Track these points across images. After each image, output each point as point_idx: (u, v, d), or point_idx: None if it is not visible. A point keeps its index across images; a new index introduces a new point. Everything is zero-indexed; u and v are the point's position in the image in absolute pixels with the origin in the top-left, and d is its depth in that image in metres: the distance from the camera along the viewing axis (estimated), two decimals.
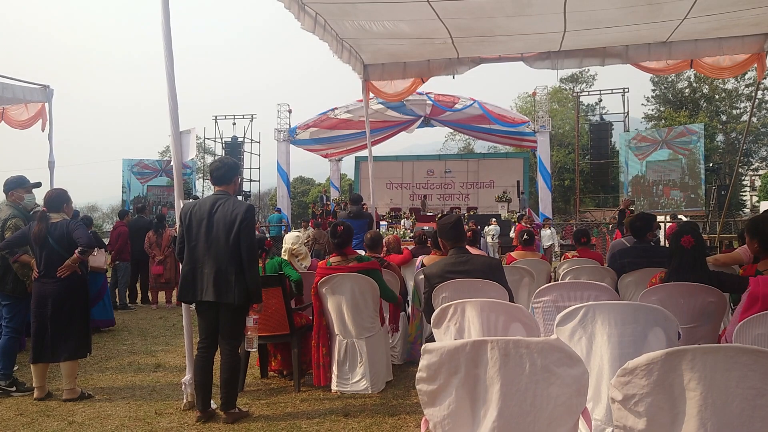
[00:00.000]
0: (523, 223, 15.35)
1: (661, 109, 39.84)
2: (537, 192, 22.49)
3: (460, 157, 34.54)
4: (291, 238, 6.05)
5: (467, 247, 4.30)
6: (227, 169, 4.45)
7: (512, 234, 16.58)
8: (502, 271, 3.99)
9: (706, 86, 38.50)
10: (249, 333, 4.47)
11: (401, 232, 17.99)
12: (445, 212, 20.42)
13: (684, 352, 1.78)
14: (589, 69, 39.29)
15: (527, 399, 2.03)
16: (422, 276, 4.20)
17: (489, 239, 17.39)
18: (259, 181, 26.20)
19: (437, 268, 3.97)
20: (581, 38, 7.68)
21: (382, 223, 20.02)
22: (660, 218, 15.42)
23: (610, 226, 18.67)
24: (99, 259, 8.05)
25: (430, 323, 3.51)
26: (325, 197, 22.99)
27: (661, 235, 14.16)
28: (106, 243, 9.97)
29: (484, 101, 19.87)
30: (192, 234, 4.27)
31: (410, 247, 7.94)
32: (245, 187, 23.64)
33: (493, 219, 18.57)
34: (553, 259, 14.90)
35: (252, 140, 25.37)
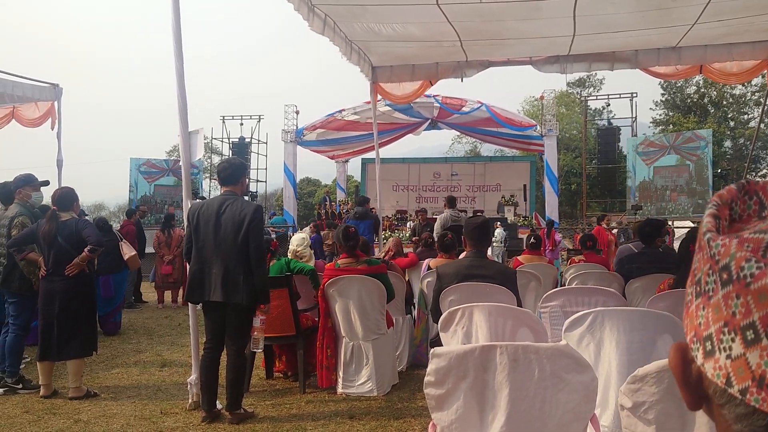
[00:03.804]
0: (604, 225, 13.16)
1: (670, 114, 39.69)
2: (543, 196, 22.41)
3: (466, 159, 34.43)
4: (296, 240, 6.06)
5: None
6: (234, 169, 4.46)
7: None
8: (515, 281, 3.96)
9: (714, 91, 38.33)
10: (255, 334, 4.46)
11: (406, 234, 17.90)
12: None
13: None
14: (597, 73, 39.17)
15: (536, 405, 2.03)
16: (431, 277, 4.19)
17: (494, 244, 17.09)
18: (265, 181, 26.22)
19: (451, 268, 3.95)
20: (590, 42, 7.66)
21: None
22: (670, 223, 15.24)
23: (615, 230, 18.54)
24: (129, 252, 8.35)
25: (437, 323, 3.50)
26: (329, 198, 23.00)
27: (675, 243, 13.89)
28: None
29: (492, 104, 19.83)
30: (200, 234, 4.27)
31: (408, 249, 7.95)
32: (252, 187, 23.67)
33: (498, 222, 18.20)
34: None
35: (259, 141, 25.38)
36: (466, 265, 3.92)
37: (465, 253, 4.05)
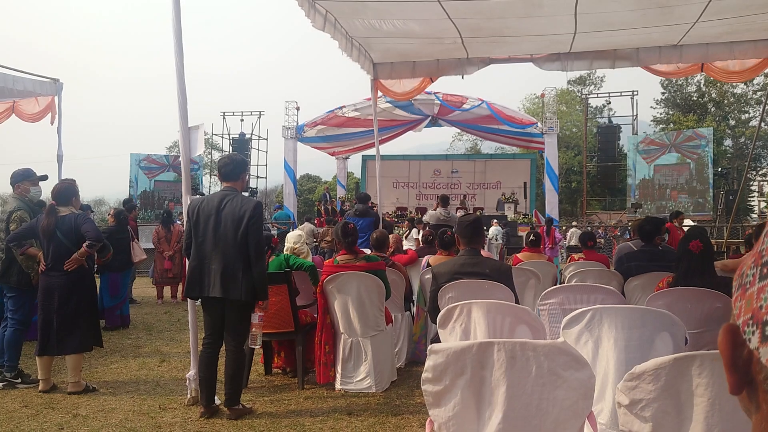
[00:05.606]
0: (676, 223, 11.39)
1: (670, 112, 39.65)
2: (543, 193, 22.41)
3: (467, 157, 34.41)
4: (293, 237, 6.06)
5: None
6: (235, 165, 4.46)
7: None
8: (511, 277, 3.96)
9: (715, 90, 38.29)
10: (253, 330, 4.46)
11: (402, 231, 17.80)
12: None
13: (692, 358, 1.77)
14: (597, 71, 39.12)
15: (533, 402, 2.03)
16: (429, 275, 4.19)
17: (491, 241, 17.00)
18: (266, 177, 26.22)
19: (446, 268, 3.95)
20: (592, 40, 7.65)
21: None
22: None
23: (618, 230, 18.56)
24: (141, 256, 8.83)
25: (434, 323, 3.51)
26: (329, 195, 22.98)
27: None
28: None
29: (493, 102, 19.80)
30: (199, 230, 4.27)
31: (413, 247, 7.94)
32: (252, 183, 23.66)
33: (495, 220, 18.09)
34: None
35: (259, 137, 25.37)
36: (460, 263, 3.92)
37: (459, 251, 4.06)
